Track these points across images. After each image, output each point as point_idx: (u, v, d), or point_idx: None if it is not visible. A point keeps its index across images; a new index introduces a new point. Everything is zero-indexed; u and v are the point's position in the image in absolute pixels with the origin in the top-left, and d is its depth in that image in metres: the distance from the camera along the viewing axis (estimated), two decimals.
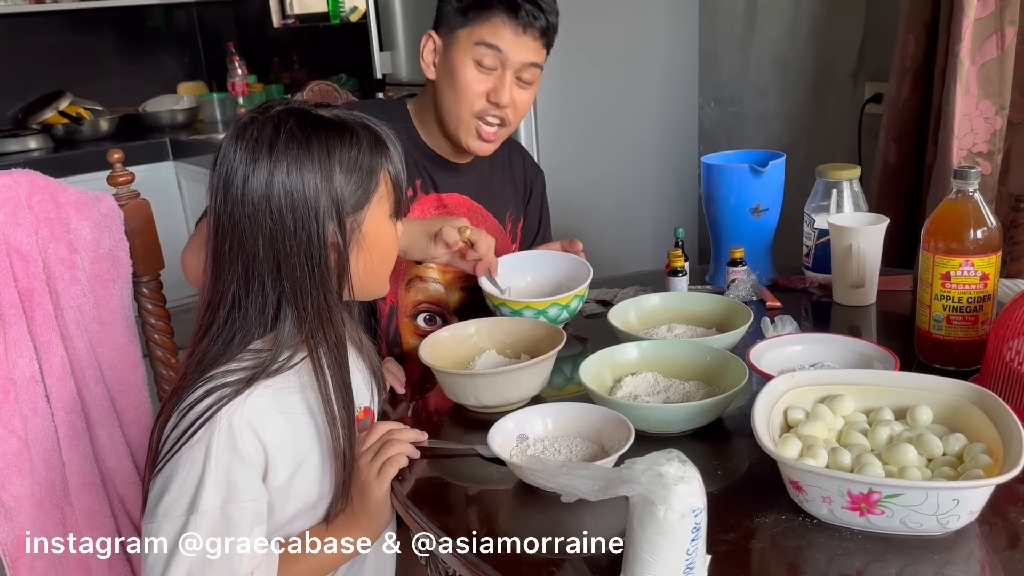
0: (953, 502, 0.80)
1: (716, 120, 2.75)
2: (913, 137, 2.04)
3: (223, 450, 0.92)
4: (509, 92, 1.38)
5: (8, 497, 1.12)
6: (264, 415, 0.96)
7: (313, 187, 0.94)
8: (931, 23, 1.94)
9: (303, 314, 0.96)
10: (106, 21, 3.70)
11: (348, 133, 0.98)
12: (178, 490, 0.91)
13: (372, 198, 0.99)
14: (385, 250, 1.04)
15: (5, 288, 1.12)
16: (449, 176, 1.48)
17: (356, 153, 0.97)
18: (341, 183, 0.96)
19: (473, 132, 1.40)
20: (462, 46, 1.36)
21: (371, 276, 1.03)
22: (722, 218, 1.60)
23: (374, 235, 1.00)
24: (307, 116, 0.97)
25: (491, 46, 1.35)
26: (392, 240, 1.05)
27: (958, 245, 1.13)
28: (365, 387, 1.13)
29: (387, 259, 1.06)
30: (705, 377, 1.14)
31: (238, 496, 0.93)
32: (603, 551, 0.86)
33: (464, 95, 1.37)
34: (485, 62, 1.36)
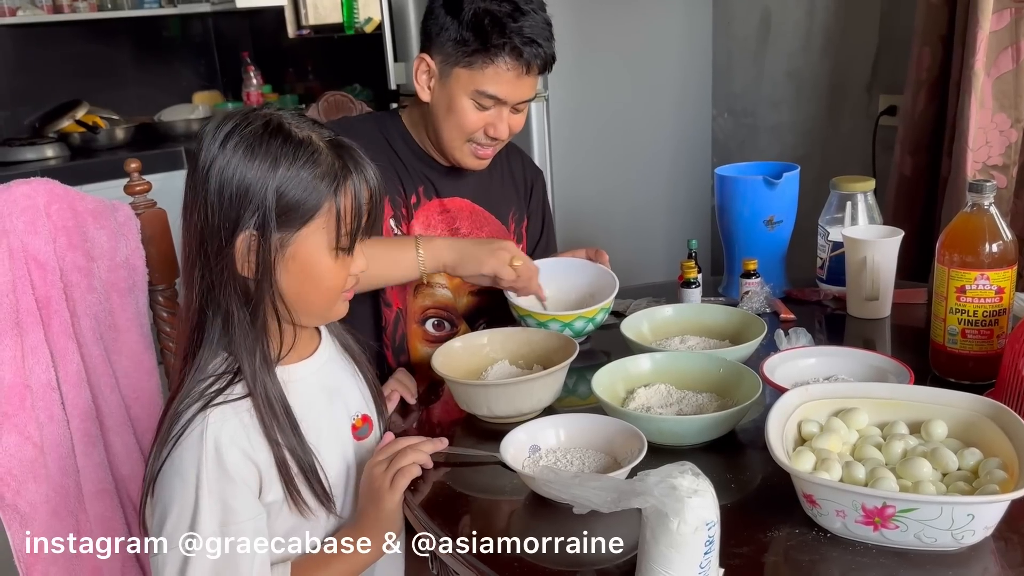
0: (968, 517, 0.79)
1: (730, 132, 2.75)
2: (928, 150, 2.04)
3: (212, 474, 0.92)
4: (505, 125, 1.38)
5: (23, 503, 1.13)
6: (247, 432, 0.95)
7: (244, 186, 0.93)
8: (946, 36, 1.94)
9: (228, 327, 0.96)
10: (122, 31, 3.73)
11: (307, 152, 0.95)
12: (176, 519, 0.91)
13: (308, 223, 0.95)
14: (315, 279, 0.99)
15: (23, 295, 1.13)
16: (450, 181, 1.48)
17: (305, 174, 0.94)
18: (273, 195, 0.93)
19: (468, 154, 1.41)
20: (461, 85, 1.34)
21: (300, 301, 0.99)
22: (736, 230, 1.59)
23: (303, 261, 0.97)
24: (274, 124, 0.95)
25: (491, 96, 1.34)
26: (326, 271, 0.99)
27: (973, 259, 1.13)
28: (360, 394, 1.13)
29: (318, 288, 1.00)
30: (718, 389, 1.13)
31: (235, 518, 0.92)
32: (615, 563, 0.86)
33: (461, 128, 1.37)
34: (484, 104, 1.35)
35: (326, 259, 0.98)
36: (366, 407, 1.13)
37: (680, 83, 2.68)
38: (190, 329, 0.99)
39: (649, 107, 2.61)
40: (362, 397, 1.13)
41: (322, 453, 1.01)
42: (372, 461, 1.04)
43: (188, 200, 0.96)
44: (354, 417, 1.10)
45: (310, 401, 1.03)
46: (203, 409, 0.94)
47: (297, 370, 1.04)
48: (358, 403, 1.12)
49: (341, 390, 1.10)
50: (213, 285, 0.95)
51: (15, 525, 1.14)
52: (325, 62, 3.83)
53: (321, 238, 0.97)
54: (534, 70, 1.35)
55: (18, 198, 1.14)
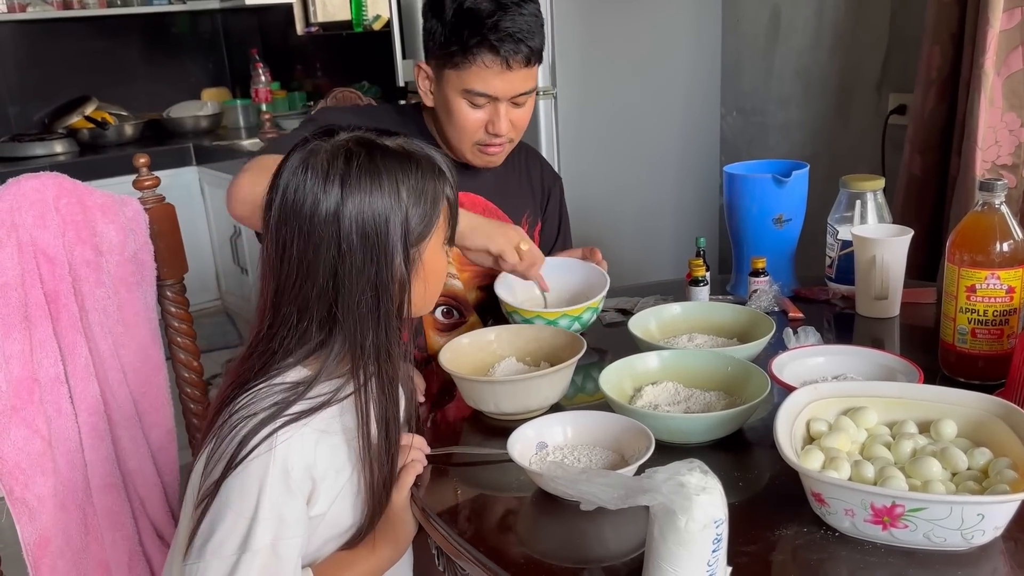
0: (978, 517, 0.79)
1: (738, 130, 2.75)
2: (938, 149, 2.03)
3: (277, 488, 0.89)
4: (506, 121, 1.37)
5: (31, 497, 1.13)
6: (314, 447, 0.93)
7: (384, 220, 0.93)
8: (956, 34, 1.93)
9: (358, 349, 0.94)
10: (132, 28, 3.74)
11: (414, 164, 0.96)
12: (229, 528, 0.88)
13: (434, 227, 0.98)
14: (439, 277, 1.04)
15: (32, 289, 1.13)
16: (467, 177, 1.46)
17: (421, 184, 0.96)
18: (409, 214, 0.94)
19: (476, 153, 1.42)
20: (452, 86, 1.36)
21: (423, 303, 1.02)
22: (744, 228, 1.59)
23: (432, 264, 1.00)
24: (375, 147, 0.96)
25: (479, 93, 1.34)
26: (444, 267, 1.04)
27: (984, 258, 1.12)
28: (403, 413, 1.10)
29: (439, 285, 1.05)
30: (726, 387, 1.13)
31: (287, 532, 0.90)
32: (623, 560, 0.86)
33: (462, 128, 1.38)
34: (477, 102, 1.36)
35: (442, 255, 1.02)
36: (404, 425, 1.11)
37: (689, 81, 2.68)
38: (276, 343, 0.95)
39: (658, 105, 2.61)
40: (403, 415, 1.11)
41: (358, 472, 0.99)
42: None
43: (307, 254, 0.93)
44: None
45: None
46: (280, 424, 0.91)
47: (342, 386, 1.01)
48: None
49: None
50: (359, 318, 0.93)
51: (23, 518, 1.14)
52: (333, 59, 3.84)
53: (440, 236, 1.00)
54: (517, 65, 1.33)
55: (27, 192, 1.14)
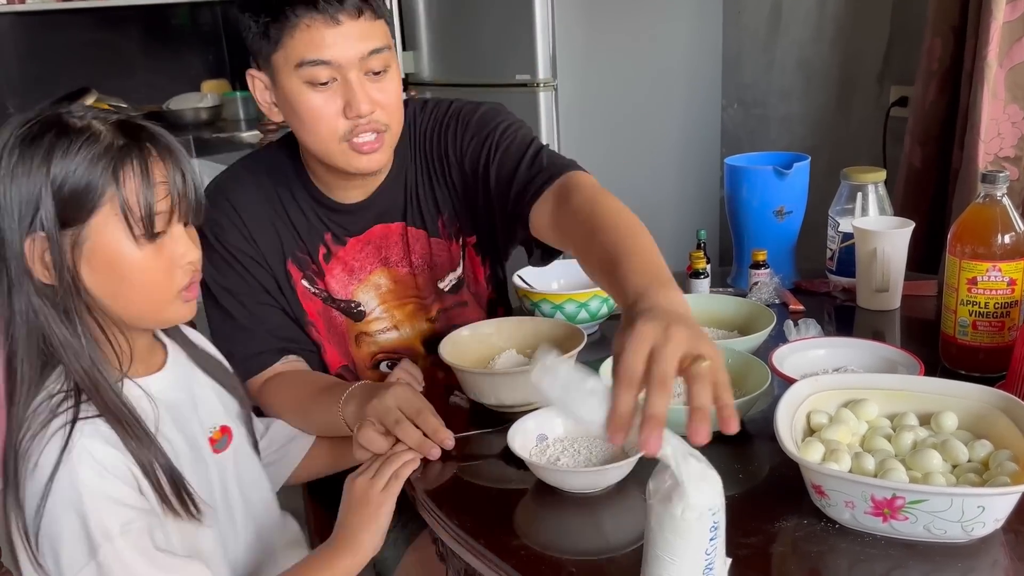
0: (978, 509, 0.79)
1: (739, 122, 2.74)
2: (939, 141, 2.03)
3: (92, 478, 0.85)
4: (365, 96, 1.16)
5: None
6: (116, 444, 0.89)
7: (22, 189, 0.87)
8: (959, 26, 1.93)
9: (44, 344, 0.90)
10: (131, 19, 3.72)
11: (82, 138, 0.88)
12: (70, 544, 0.84)
13: (95, 213, 0.88)
14: (124, 274, 0.91)
15: None
16: (360, 215, 1.32)
17: (79, 160, 0.87)
18: (49, 190, 0.86)
19: (351, 153, 1.19)
20: (284, 73, 1.15)
21: (118, 301, 0.93)
22: (745, 220, 1.59)
23: (104, 255, 0.90)
24: (51, 120, 0.90)
25: (315, 62, 1.13)
26: (135, 264, 0.91)
27: (985, 250, 1.12)
28: (219, 403, 1.08)
29: (132, 285, 0.92)
30: None
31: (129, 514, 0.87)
32: (623, 551, 0.86)
33: (317, 124, 1.17)
34: (319, 79, 1.14)
35: (130, 250, 0.90)
36: (225, 417, 1.07)
37: (690, 73, 2.67)
38: (6, 362, 0.91)
39: (659, 97, 2.60)
40: (221, 407, 1.08)
41: (184, 470, 0.95)
42: (354, 475, 1.03)
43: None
44: (211, 430, 1.04)
45: (162, 418, 0.97)
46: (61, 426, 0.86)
47: (146, 384, 0.97)
48: (216, 414, 1.06)
49: (196, 403, 1.04)
50: (15, 308, 0.89)
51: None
52: None
53: (117, 227, 0.89)
54: (347, 17, 1.12)
55: None
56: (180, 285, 0.95)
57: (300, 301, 1.33)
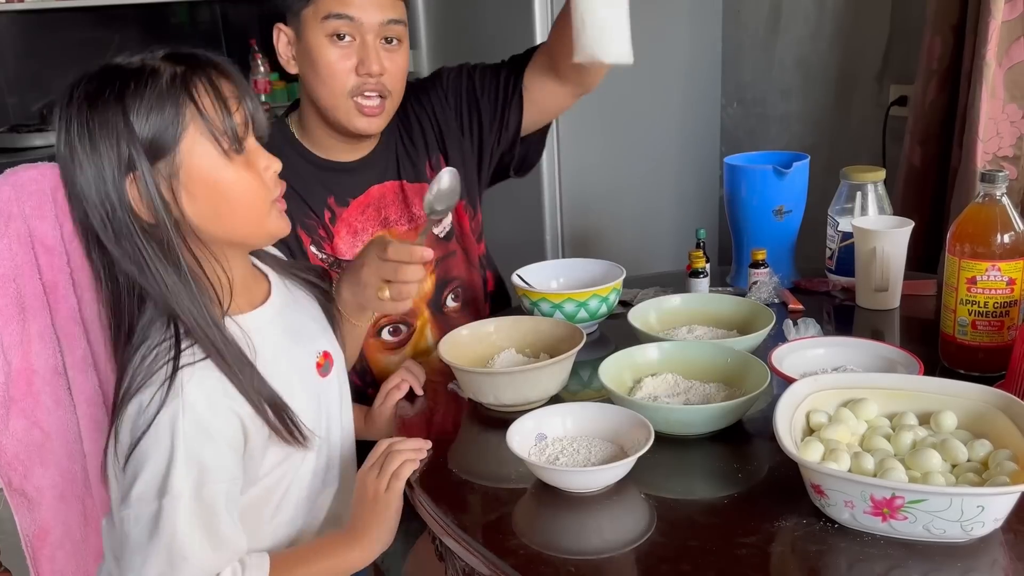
0: (978, 509, 0.79)
1: (739, 121, 2.74)
2: (938, 140, 2.03)
3: (191, 432, 0.89)
4: (377, 58, 1.26)
5: (31, 488, 1.13)
6: (223, 386, 0.93)
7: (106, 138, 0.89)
8: (958, 25, 1.93)
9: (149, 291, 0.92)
10: (130, 18, 3.72)
11: (143, 75, 0.90)
12: (148, 478, 0.88)
13: (182, 139, 0.90)
14: (224, 193, 0.94)
15: (30, 280, 1.13)
16: (359, 176, 1.39)
17: (149, 93, 0.89)
18: (130, 130, 0.89)
19: (354, 111, 1.29)
20: (311, 26, 1.25)
21: (225, 225, 0.95)
22: (744, 219, 1.59)
23: (202, 178, 0.92)
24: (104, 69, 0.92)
25: (340, 16, 1.24)
26: (231, 180, 0.94)
27: (984, 249, 1.12)
28: (319, 329, 1.12)
29: (233, 203, 0.95)
30: (726, 379, 1.13)
31: (210, 477, 0.90)
32: (621, 551, 0.86)
33: (331, 77, 1.26)
34: (341, 34, 1.25)
35: (223, 166, 0.93)
36: (327, 343, 1.12)
37: (689, 72, 2.67)
38: (114, 315, 0.96)
39: (657, 96, 2.60)
40: (322, 333, 1.12)
41: (296, 398, 1.00)
42: (363, 469, 1.04)
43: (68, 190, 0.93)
44: (316, 355, 1.08)
45: (275, 348, 1.01)
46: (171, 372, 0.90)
47: (254, 318, 1.01)
48: (318, 340, 1.10)
49: (301, 331, 1.08)
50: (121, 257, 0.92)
51: (22, 509, 1.14)
52: None
53: (205, 148, 0.92)
54: None
55: (25, 182, 1.14)
56: (273, 194, 0.98)
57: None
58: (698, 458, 1.02)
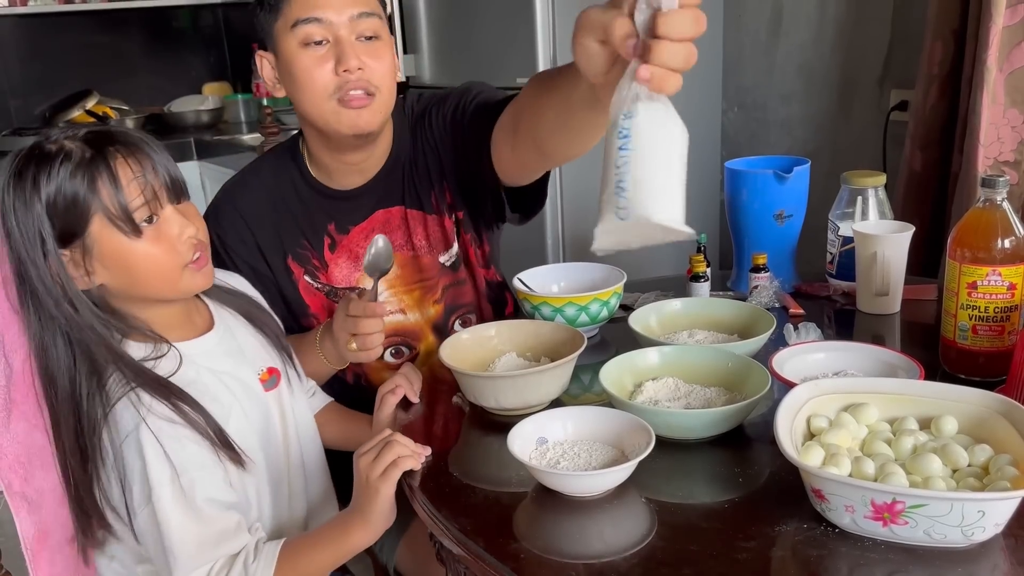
0: (979, 514, 0.79)
1: (740, 125, 2.74)
2: (939, 145, 2.03)
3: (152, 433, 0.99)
4: (354, 53, 1.23)
5: (31, 491, 1.13)
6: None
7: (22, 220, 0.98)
8: (959, 30, 1.93)
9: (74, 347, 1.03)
10: (133, 21, 3.73)
11: (57, 161, 0.98)
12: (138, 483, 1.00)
13: (91, 222, 0.99)
14: (131, 263, 1.02)
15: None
16: (362, 202, 1.39)
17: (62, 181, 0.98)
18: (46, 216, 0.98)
19: (340, 111, 1.25)
20: (284, 39, 1.25)
21: (137, 289, 1.04)
22: (745, 224, 1.59)
23: (111, 255, 1.01)
24: (28, 150, 1.00)
25: (308, 20, 1.22)
26: (138, 253, 1.02)
27: (985, 254, 1.12)
28: (262, 349, 1.19)
29: (142, 270, 1.03)
30: (727, 383, 1.13)
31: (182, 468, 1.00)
32: (622, 555, 0.86)
33: (310, 82, 1.24)
34: (314, 38, 1.23)
35: (129, 244, 1.01)
36: (270, 359, 1.19)
37: (690, 76, 2.63)
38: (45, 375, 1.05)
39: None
40: (264, 351, 1.19)
41: (245, 410, 1.11)
42: (360, 451, 1.06)
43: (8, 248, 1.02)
44: (259, 371, 1.17)
45: (222, 370, 1.11)
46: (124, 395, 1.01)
47: (199, 344, 1.11)
48: (261, 358, 1.18)
49: (244, 351, 1.16)
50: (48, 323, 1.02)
51: (22, 512, 1.14)
52: None
53: (111, 229, 1.00)
54: None
55: None
56: (185, 259, 1.05)
57: (302, 296, 1.39)
58: (699, 462, 1.02)
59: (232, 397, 1.11)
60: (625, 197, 0.78)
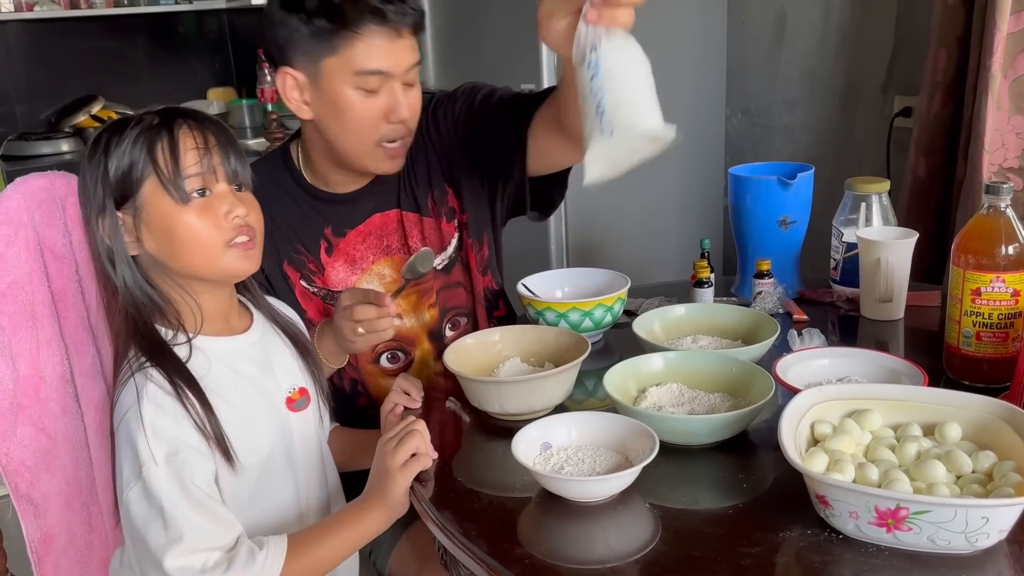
0: (982, 520, 0.79)
1: (743, 132, 2.74)
2: (943, 152, 2.03)
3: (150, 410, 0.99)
4: (405, 104, 1.26)
5: (37, 494, 1.14)
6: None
7: (87, 187, 1.04)
8: (963, 37, 1.93)
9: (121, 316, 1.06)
10: (138, 27, 3.74)
11: (129, 126, 1.03)
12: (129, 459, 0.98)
13: (143, 185, 1.02)
14: (174, 232, 1.03)
15: (39, 287, 1.14)
16: (357, 206, 1.38)
17: (125, 144, 1.02)
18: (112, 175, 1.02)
19: (382, 157, 1.28)
20: (336, 76, 1.22)
21: (178, 259, 1.05)
22: (749, 230, 1.59)
23: (159, 221, 1.03)
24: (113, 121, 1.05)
25: (373, 72, 1.22)
26: (182, 222, 1.03)
27: (989, 261, 1.12)
28: (297, 368, 1.17)
29: (183, 241, 1.04)
30: (731, 389, 1.13)
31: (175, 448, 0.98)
32: (627, 561, 0.86)
33: (361, 127, 1.25)
34: (370, 86, 1.22)
35: (176, 211, 1.03)
36: (303, 380, 1.17)
37: (694, 82, 2.67)
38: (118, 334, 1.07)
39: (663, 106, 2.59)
40: (299, 371, 1.17)
41: (256, 423, 1.09)
42: (384, 438, 1.06)
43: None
44: (290, 390, 1.15)
45: (241, 373, 1.09)
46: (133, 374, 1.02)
47: (226, 343, 1.10)
48: (294, 377, 1.16)
49: (275, 365, 1.14)
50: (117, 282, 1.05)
51: (28, 516, 1.14)
52: None
53: (162, 194, 1.02)
54: (405, 31, 1.23)
55: (35, 191, 1.15)
56: (227, 238, 1.05)
57: (299, 301, 1.37)
58: (703, 468, 1.02)
59: (246, 404, 1.08)
60: (607, 116, 0.87)
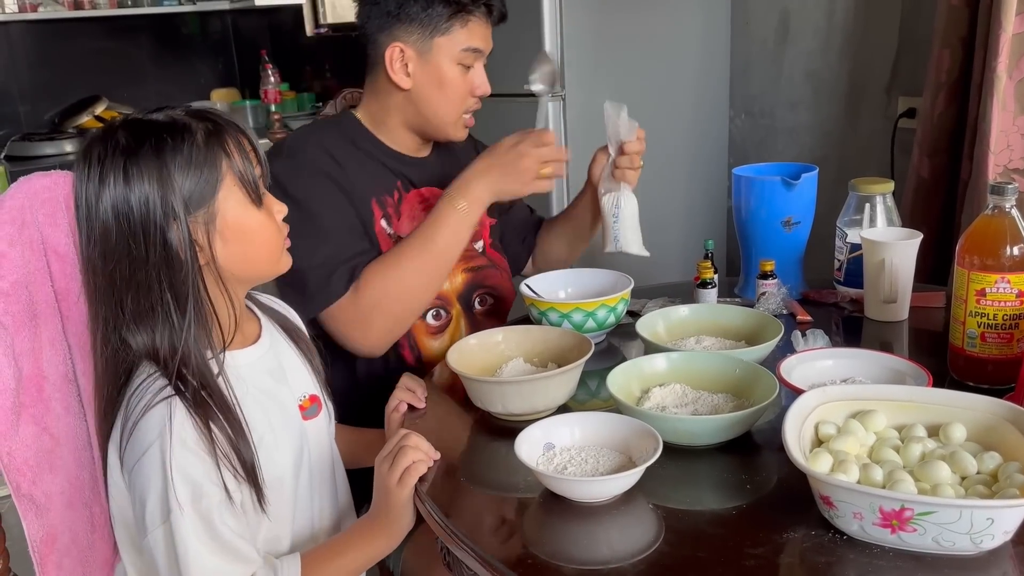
0: (987, 521, 0.79)
1: (747, 132, 2.74)
2: (947, 152, 2.03)
3: (177, 450, 0.94)
4: (487, 84, 1.46)
5: (39, 494, 1.14)
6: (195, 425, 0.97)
7: (144, 196, 0.95)
8: (967, 38, 1.93)
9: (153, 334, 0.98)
10: (142, 28, 3.75)
11: (179, 131, 0.98)
12: (154, 500, 0.94)
13: (219, 191, 0.99)
14: (252, 236, 1.03)
15: (42, 287, 1.14)
16: (420, 172, 1.51)
17: (193, 153, 0.97)
18: (180, 182, 0.96)
19: (460, 125, 1.47)
20: (444, 52, 1.39)
21: (247, 264, 1.04)
22: (753, 231, 1.59)
23: (235, 225, 1.01)
24: (137, 124, 0.98)
25: (477, 50, 1.41)
26: (257, 223, 1.03)
27: (994, 262, 1.12)
28: (306, 373, 1.16)
29: (257, 243, 1.04)
30: (734, 390, 1.13)
31: (201, 491, 0.95)
32: (629, 561, 0.85)
33: (458, 98, 1.43)
34: (467, 63, 1.42)
35: (252, 214, 1.02)
36: (313, 387, 1.16)
37: (697, 83, 2.67)
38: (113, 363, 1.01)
39: (666, 107, 2.60)
40: (309, 377, 1.16)
41: (278, 437, 1.07)
42: (379, 457, 1.06)
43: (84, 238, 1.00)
44: (301, 398, 1.13)
45: (260, 386, 1.07)
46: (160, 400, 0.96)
47: (244, 355, 1.07)
48: (305, 383, 1.15)
49: (287, 372, 1.13)
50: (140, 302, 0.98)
51: (30, 515, 1.14)
52: (343, 60, 3.84)
53: (238, 197, 1.01)
54: (498, 19, 1.45)
55: (39, 191, 1.15)
56: (284, 235, 1.08)
57: (377, 239, 1.42)
58: (706, 469, 1.02)
59: (267, 424, 1.06)
60: (619, 242, 1.49)
